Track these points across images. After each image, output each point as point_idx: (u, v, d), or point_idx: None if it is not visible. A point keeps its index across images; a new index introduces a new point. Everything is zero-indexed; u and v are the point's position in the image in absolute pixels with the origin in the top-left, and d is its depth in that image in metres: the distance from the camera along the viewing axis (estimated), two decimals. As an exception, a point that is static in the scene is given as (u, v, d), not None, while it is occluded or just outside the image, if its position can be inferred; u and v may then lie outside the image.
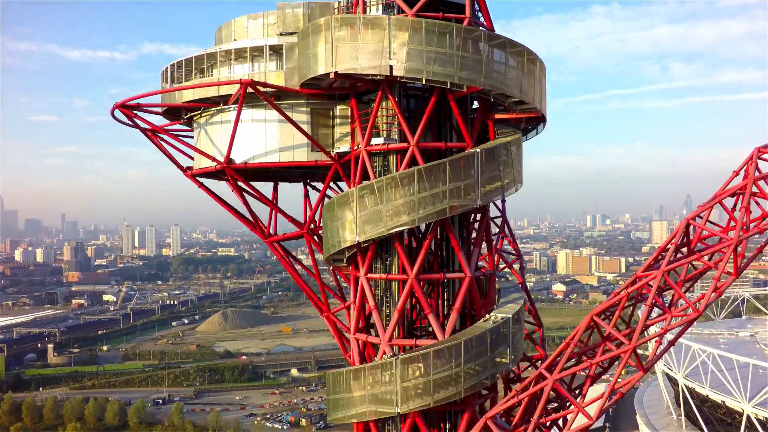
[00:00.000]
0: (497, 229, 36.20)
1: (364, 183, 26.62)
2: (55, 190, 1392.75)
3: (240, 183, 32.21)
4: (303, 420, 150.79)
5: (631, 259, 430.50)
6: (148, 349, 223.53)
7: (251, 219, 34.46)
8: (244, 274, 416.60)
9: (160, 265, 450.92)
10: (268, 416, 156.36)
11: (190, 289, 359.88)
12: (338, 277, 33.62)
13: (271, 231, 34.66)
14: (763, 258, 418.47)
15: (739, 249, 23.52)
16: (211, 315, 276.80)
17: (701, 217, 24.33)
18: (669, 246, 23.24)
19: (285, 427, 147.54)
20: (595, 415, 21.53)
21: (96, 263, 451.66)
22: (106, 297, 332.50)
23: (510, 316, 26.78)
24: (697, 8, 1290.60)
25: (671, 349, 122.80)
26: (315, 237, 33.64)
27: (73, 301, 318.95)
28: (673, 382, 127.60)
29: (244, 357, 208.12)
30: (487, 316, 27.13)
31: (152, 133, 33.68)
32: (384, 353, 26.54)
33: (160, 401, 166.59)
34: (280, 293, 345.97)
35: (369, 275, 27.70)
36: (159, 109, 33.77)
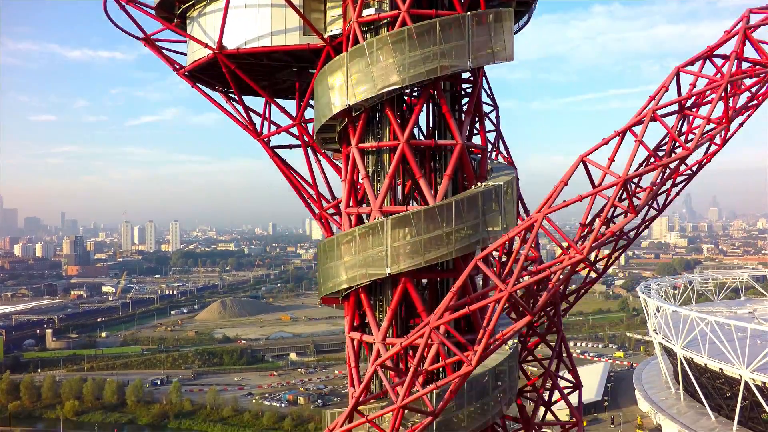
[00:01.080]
0: (491, 146, 36.24)
1: (355, 47, 26.55)
2: (54, 189, 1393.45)
3: (233, 76, 32.01)
4: (301, 398, 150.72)
5: (630, 253, 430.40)
6: (147, 336, 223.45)
7: (244, 118, 34.37)
8: (244, 267, 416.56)
9: (160, 259, 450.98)
10: (267, 395, 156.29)
11: (189, 282, 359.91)
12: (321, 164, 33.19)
13: (264, 131, 34.53)
14: (763, 252, 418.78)
15: (731, 101, 23.39)
16: (210, 304, 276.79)
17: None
18: (659, 93, 23.14)
19: (283, 405, 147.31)
20: (586, 251, 21.43)
21: (95, 257, 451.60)
22: (105, 289, 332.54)
23: (502, 183, 26.75)
24: (697, 8, 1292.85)
25: (669, 321, 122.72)
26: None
27: (72, 293, 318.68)
28: (671, 355, 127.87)
29: (243, 341, 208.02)
30: (479, 184, 27.08)
31: (146, 40, 33.90)
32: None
33: (159, 382, 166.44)
34: (279, 285, 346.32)
35: (360, 145, 27.64)
36: (152, 2, 33.66)
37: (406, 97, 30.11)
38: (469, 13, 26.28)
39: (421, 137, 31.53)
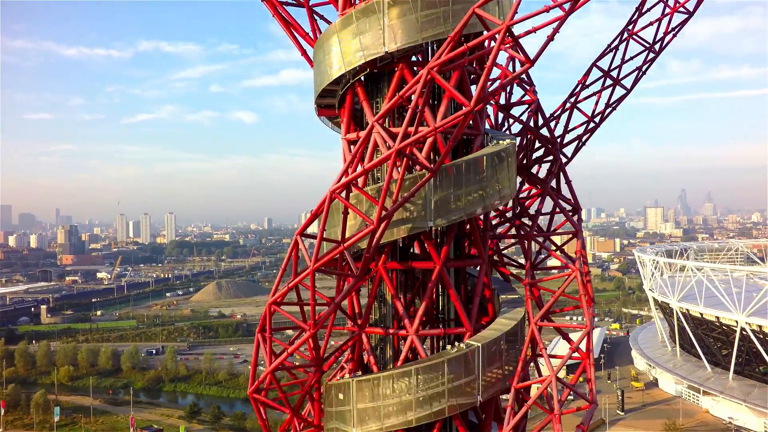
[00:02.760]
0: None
1: None
2: (50, 187, 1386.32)
3: None
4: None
5: (625, 242, 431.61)
6: (142, 314, 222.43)
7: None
8: (239, 256, 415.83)
9: (155, 249, 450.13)
10: (263, 362, 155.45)
11: (184, 269, 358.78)
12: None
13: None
14: (761, 238, 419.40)
15: None
16: (205, 287, 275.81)
17: None
18: None
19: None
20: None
21: (90, 247, 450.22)
22: (99, 275, 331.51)
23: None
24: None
25: (666, 277, 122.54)
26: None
27: (67, 278, 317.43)
28: (667, 313, 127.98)
29: (238, 316, 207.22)
30: (476, -26, 26.86)
31: None
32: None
33: (154, 351, 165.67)
34: (275, 271, 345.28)
35: (357, -61, 27.42)
36: None
37: None
38: None
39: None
